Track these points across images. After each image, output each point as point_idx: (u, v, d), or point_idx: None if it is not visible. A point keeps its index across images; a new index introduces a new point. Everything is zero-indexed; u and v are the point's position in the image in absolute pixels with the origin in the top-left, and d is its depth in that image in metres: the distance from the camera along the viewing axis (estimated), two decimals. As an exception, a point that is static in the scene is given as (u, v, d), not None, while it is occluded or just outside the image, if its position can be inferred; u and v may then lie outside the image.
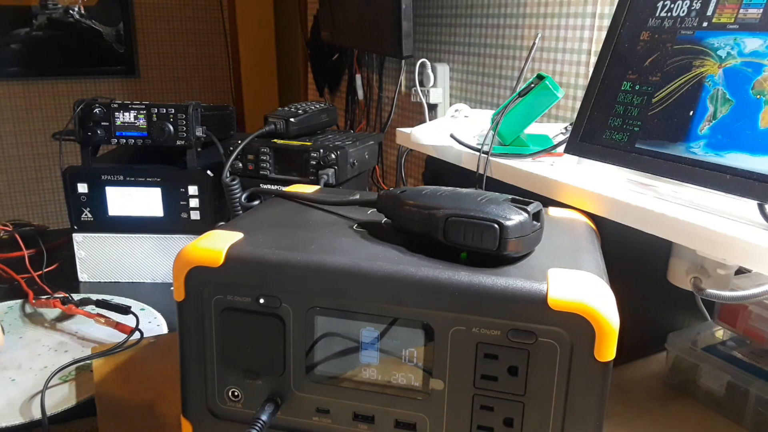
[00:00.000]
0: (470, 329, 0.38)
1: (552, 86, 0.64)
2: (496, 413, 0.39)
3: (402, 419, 0.41)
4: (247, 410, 0.43)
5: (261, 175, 0.88)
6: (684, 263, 0.55)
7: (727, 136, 0.46)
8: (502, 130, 0.67)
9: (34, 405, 0.63)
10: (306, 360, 0.42)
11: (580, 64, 0.97)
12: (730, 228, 0.43)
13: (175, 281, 0.42)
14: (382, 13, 1.23)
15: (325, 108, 0.96)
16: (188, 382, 0.44)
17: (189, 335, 0.43)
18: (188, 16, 2.99)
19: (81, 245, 0.94)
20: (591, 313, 0.35)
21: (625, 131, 0.54)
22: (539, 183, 0.60)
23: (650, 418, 0.59)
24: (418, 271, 0.38)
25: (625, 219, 0.50)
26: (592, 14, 0.94)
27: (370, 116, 1.70)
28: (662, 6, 0.54)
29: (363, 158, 0.92)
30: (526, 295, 0.36)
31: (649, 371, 0.66)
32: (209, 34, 3.06)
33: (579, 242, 0.45)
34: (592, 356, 0.36)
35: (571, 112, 0.99)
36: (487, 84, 1.22)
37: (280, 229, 0.46)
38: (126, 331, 0.75)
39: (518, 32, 1.12)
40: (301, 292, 0.40)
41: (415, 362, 0.40)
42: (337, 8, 1.53)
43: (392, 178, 1.59)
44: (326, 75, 1.97)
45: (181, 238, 0.93)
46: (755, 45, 0.46)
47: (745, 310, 0.61)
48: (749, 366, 0.59)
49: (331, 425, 0.42)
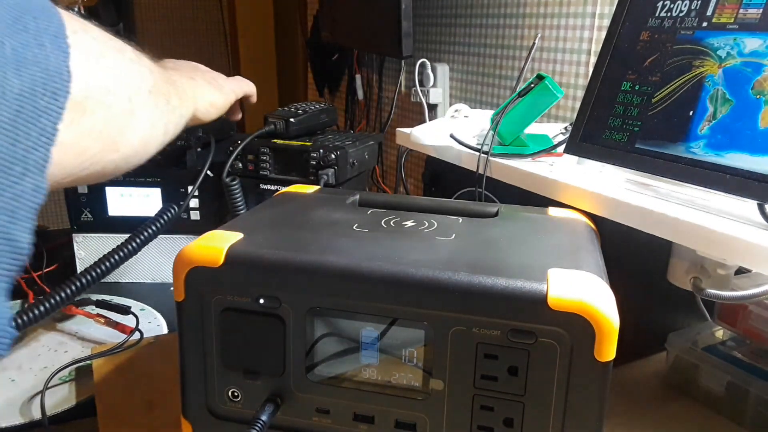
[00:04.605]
0: (470, 329, 0.38)
1: (552, 86, 0.64)
2: (496, 413, 0.39)
3: (402, 419, 0.41)
4: (247, 410, 0.43)
5: (261, 175, 0.88)
6: (684, 263, 0.55)
7: (727, 136, 0.46)
8: (501, 130, 0.67)
9: (34, 405, 0.63)
10: (306, 360, 0.42)
11: (580, 64, 0.97)
12: (730, 228, 0.43)
13: (175, 281, 0.42)
14: (382, 13, 1.23)
15: (325, 108, 0.96)
16: (188, 382, 0.44)
17: (189, 335, 0.43)
18: (188, 16, 2.99)
19: (81, 245, 0.94)
20: (591, 313, 0.35)
21: (625, 131, 0.54)
22: (539, 183, 0.60)
23: (650, 418, 0.59)
24: (418, 271, 0.38)
25: (625, 219, 0.50)
26: (592, 14, 0.94)
27: (370, 116, 1.70)
28: (662, 6, 0.54)
29: (363, 158, 0.92)
30: (526, 295, 0.36)
31: (649, 371, 0.66)
32: (209, 34, 3.06)
33: (579, 242, 0.45)
34: (592, 356, 0.36)
35: (571, 112, 0.99)
36: (487, 84, 1.22)
37: (280, 229, 0.46)
38: (126, 331, 0.75)
39: (518, 32, 1.12)
40: (301, 292, 0.40)
41: (415, 362, 0.40)
42: (337, 8, 1.53)
43: (392, 178, 1.59)
44: (326, 75, 1.97)
45: (181, 238, 0.93)
46: (755, 45, 0.46)
47: (745, 310, 0.61)
48: (749, 366, 0.59)
49: (331, 425, 0.42)
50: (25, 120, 0.25)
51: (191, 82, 0.52)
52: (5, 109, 0.24)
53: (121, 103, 0.33)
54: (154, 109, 0.38)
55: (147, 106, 0.37)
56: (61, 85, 0.27)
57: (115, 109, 0.33)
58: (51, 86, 0.27)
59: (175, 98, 0.43)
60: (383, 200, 0.56)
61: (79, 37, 0.30)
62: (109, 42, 0.34)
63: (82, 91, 0.29)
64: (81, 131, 0.30)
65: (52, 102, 0.27)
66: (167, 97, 0.41)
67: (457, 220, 0.51)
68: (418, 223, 0.49)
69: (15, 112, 0.25)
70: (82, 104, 0.30)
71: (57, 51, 0.28)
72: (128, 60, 0.36)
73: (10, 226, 0.25)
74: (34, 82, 0.26)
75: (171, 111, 0.42)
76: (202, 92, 0.54)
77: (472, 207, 0.54)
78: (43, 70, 0.26)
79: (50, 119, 0.27)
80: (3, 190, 0.24)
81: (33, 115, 0.26)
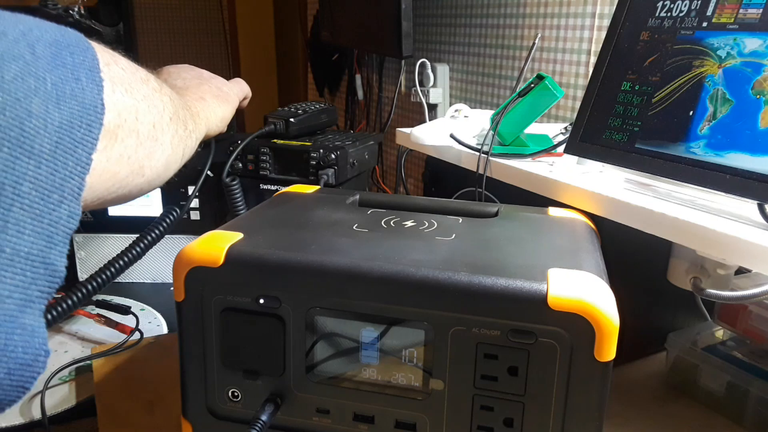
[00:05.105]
0: (470, 329, 0.38)
1: (552, 86, 0.64)
2: (496, 413, 0.39)
3: (402, 419, 0.41)
4: (247, 410, 0.43)
5: (261, 175, 0.88)
6: (684, 263, 0.55)
7: (727, 136, 0.46)
8: (501, 130, 0.67)
9: (34, 405, 0.63)
10: (306, 360, 0.42)
11: (580, 64, 0.97)
12: (730, 228, 0.43)
13: (175, 281, 0.42)
14: (382, 13, 1.23)
15: (325, 108, 0.96)
16: (188, 382, 0.44)
17: (189, 335, 0.43)
18: (188, 16, 2.99)
19: (81, 245, 0.94)
20: (591, 313, 0.35)
21: (625, 131, 0.54)
22: (539, 183, 0.60)
23: (650, 418, 0.59)
24: (418, 271, 0.38)
25: (625, 219, 0.50)
26: (592, 14, 0.94)
27: (370, 116, 1.70)
28: (662, 6, 0.54)
29: (363, 158, 0.92)
30: (526, 295, 0.36)
31: (649, 371, 0.66)
32: (209, 34, 3.06)
33: (579, 242, 0.45)
34: (592, 356, 0.36)
35: (571, 112, 0.99)
36: (487, 84, 1.22)
37: (280, 229, 0.46)
38: (126, 331, 0.75)
39: (518, 32, 1.12)
40: (301, 292, 0.40)
41: (415, 362, 0.40)
42: (337, 8, 1.53)
43: (392, 178, 1.59)
44: (326, 75, 1.97)
45: (181, 238, 0.93)
46: (755, 45, 0.46)
47: (745, 310, 0.61)
48: (749, 366, 0.59)
49: (331, 425, 0.42)
50: (63, 151, 0.27)
51: (202, 103, 0.55)
52: (47, 141, 0.26)
53: (147, 130, 0.36)
54: (174, 135, 0.41)
55: (168, 133, 0.39)
56: (95, 118, 0.30)
57: (142, 137, 0.35)
58: (86, 119, 0.29)
59: (191, 123, 0.46)
60: (383, 200, 0.56)
61: (111, 69, 0.33)
62: (136, 72, 0.37)
63: (113, 121, 0.32)
64: (112, 158, 0.32)
65: (87, 133, 0.29)
66: (185, 122, 0.44)
67: (457, 220, 0.51)
68: (418, 223, 0.49)
69: (55, 143, 0.27)
70: (113, 133, 0.32)
71: (92, 85, 0.30)
72: (152, 90, 0.38)
73: (48, 251, 0.26)
74: (71, 115, 0.28)
75: (188, 136, 0.44)
76: (213, 110, 0.57)
77: (472, 207, 0.54)
78: (79, 104, 0.28)
79: (86, 149, 0.29)
80: (42, 216, 0.26)
81: (70, 146, 0.28)
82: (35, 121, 0.26)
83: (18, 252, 0.25)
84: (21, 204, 0.25)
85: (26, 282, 0.25)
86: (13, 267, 0.25)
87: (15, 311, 0.25)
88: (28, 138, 0.25)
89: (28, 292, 0.25)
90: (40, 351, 0.26)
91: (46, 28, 0.29)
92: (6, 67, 0.25)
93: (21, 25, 0.28)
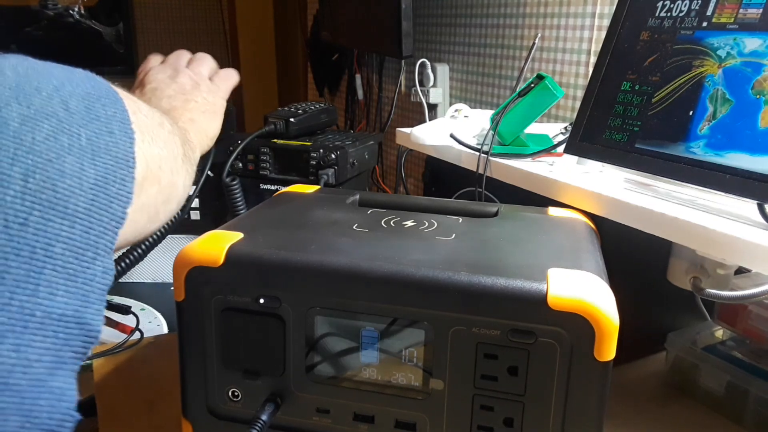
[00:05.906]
0: (470, 329, 0.38)
1: (552, 86, 0.64)
2: (496, 413, 0.39)
3: (402, 419, 0.41)
4: (247, 410, 0.43)
5: (261, 175, 0.88)
6: (684, 263, 0.55)
7: (727, 135, 0.46)
8: (501, 130, 0.67)
9: (34, 405, 0.63)
10: (306, 360, 0.42)
11: (580, 64, 0.97)
12: (730, 228, 0.43)
13: (175, 281, 0.42)
14: (382, 13, 1.23)
15: (325, 108, 0.96)
16: (188, 382, 0.44)
17: (189, 335, 0.43)
18: (188, 16, 2.99)
19: (81, 245, 0.94)
20: (591, 312, 0.35)
21: (625, 131, 0.54)
22: (539, 183, 0.60)
23: (650, 418, 0.59)
24: (418, 271, 0.38)
25: (625, 219, 0.50)
26: (592, 14, 0.95)
27: (370, 116, 1.70)
28: (662, 6, 0.54)
29: (363, 158, 0.92)
30: (526, 294, 0.36)
31: (649, 371, 0.66)
32: (209, 34, 3.06)
33: (579, 242, 0.45)
34: (592, 356, 0.36)
35: (571, 112, 0.99)
36: (487, 84, 1.22)
37: (280, 229, 0.46)
38: (126, 331, 0.75)
39: (518, 32, 1.12)
40: (301, 292, 0.40)
41: (415, 362, 0.40)
42: (337, 8, 1.54)
43: (392, 178, 1.59)
44: (326, 75, 1.97)
45: (181, 238, 0.93)
46: (755, 45, 0.46)
47: (745, 310, 0.61)
48: (749, 366, 0.59)
49: (331, 425, 0.42)
50: (98, 207, 0.27)
51: (193, 125, 0.53)
52: (82, 200, 0.26)
53: (166, 176, 0.35)
54: (186, 174, 0.40)
55: (181, 173, 0.39)
56: (128, 172, 0.29)
57: (162, 184, 0.35)
58: (120, 173, 0.28)
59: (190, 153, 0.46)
60: (383, 200, 0.56)
61: (138, 118, 0.32)
62: (155, 117, 0.36)
63: (142, 172, 0.31)
64: (135, 208, 0.31)
65: (121, 188, 0.28)
66: (190, 159, 0.44)
67: (457, 220, 0.51)
68: (418, 223, 0.49)
69: (90, 201, 0.26)
70: (141, 185, 0.31)
71: (124, 137, 0.29)
72: (168, 133, 0.38)
73: (83, 311, 0.26)
74: (106, 170, 0.27)
75: (192, 168, 0.44)
76: (205, 130, 0.55)
77: (472, 207, 0.54)
78: (113, 158, 0.28)
79: (120, 204, 0.28)
80: (76, 276, 0.25)
81: (105, 202, 0.27)
82: (69, 181, 0.25)
83: (50, 314, 0.24)
84: (53, 265, 0.24)
85: (59, 344, 0.25)
86: (44, 330, 0.24)
87: (44, 375, 0.24)
88: (62, 199, 0.25)
89: (61, 353, 0.25)
90: (67, 416, 0.25)
91: (78, 80, 0.29)
92: (38, 127, 0.25)
93: (54, 80, 0.27)
